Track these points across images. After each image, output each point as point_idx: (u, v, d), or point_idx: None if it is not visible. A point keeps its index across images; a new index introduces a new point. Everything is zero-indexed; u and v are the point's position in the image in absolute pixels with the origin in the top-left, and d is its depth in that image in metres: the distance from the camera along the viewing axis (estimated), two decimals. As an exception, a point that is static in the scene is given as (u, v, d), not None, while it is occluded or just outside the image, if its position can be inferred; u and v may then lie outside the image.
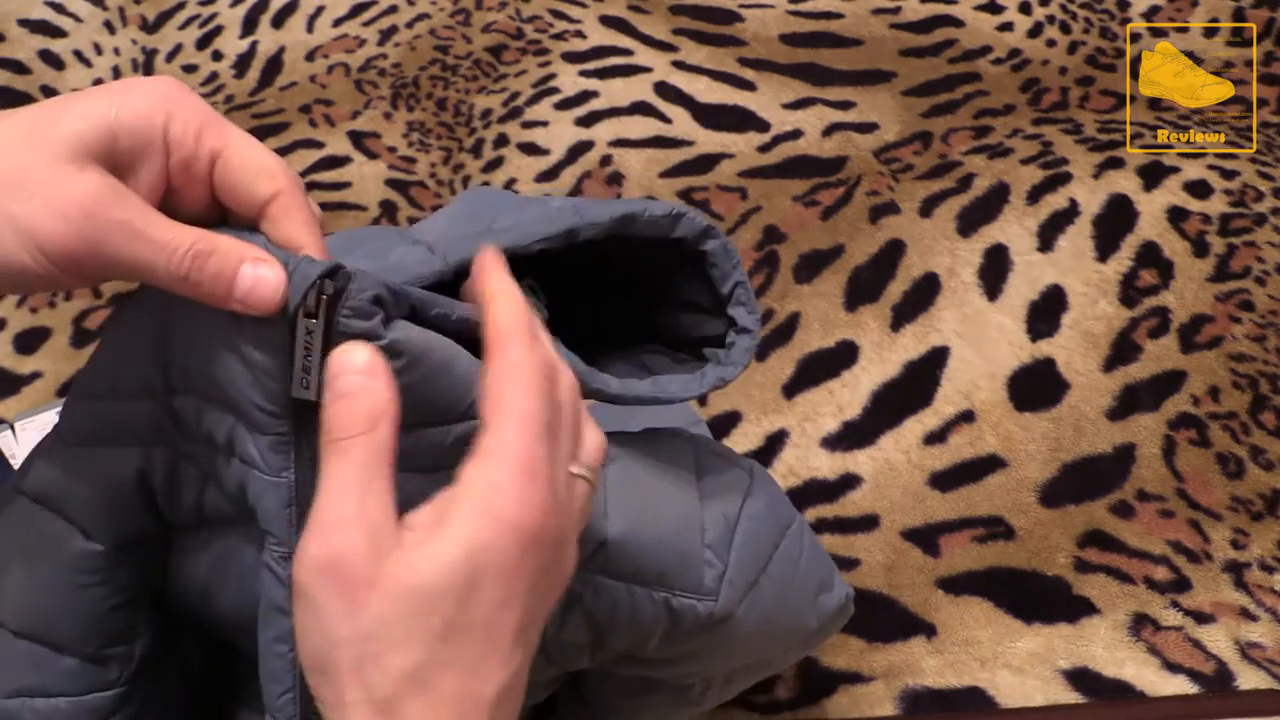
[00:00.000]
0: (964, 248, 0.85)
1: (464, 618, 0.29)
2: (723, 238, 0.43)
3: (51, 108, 0.32)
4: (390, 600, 0.29)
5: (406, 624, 0.28)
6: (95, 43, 1.12)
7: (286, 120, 1.02)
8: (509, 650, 0.30)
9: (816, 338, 0.81)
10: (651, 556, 0.41)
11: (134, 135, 0.32)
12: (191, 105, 0.33)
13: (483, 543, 0.29)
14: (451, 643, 0.29)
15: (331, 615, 0.29)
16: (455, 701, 0.29)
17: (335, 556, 0.29)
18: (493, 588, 0.29)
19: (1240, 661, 0.63)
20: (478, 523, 0.29)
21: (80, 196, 0.31)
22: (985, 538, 0.69)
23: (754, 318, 0.44)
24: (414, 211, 0.93)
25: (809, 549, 0.49)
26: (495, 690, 0.29)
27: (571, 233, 0.41)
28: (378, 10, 1.11)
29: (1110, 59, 0.99)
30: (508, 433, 0.30)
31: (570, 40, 1.06)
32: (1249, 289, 0.81)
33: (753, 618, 0.45)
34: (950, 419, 0.75)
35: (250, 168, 0.34)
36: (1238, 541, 0.68)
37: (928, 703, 0.63)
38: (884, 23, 1.05)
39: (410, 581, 0.29)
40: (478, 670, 0.29)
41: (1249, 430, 0.73)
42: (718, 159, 0.94)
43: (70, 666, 0.40)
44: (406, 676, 0.28)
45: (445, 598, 0.28)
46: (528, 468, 0.30)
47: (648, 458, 0.43)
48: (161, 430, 0.38)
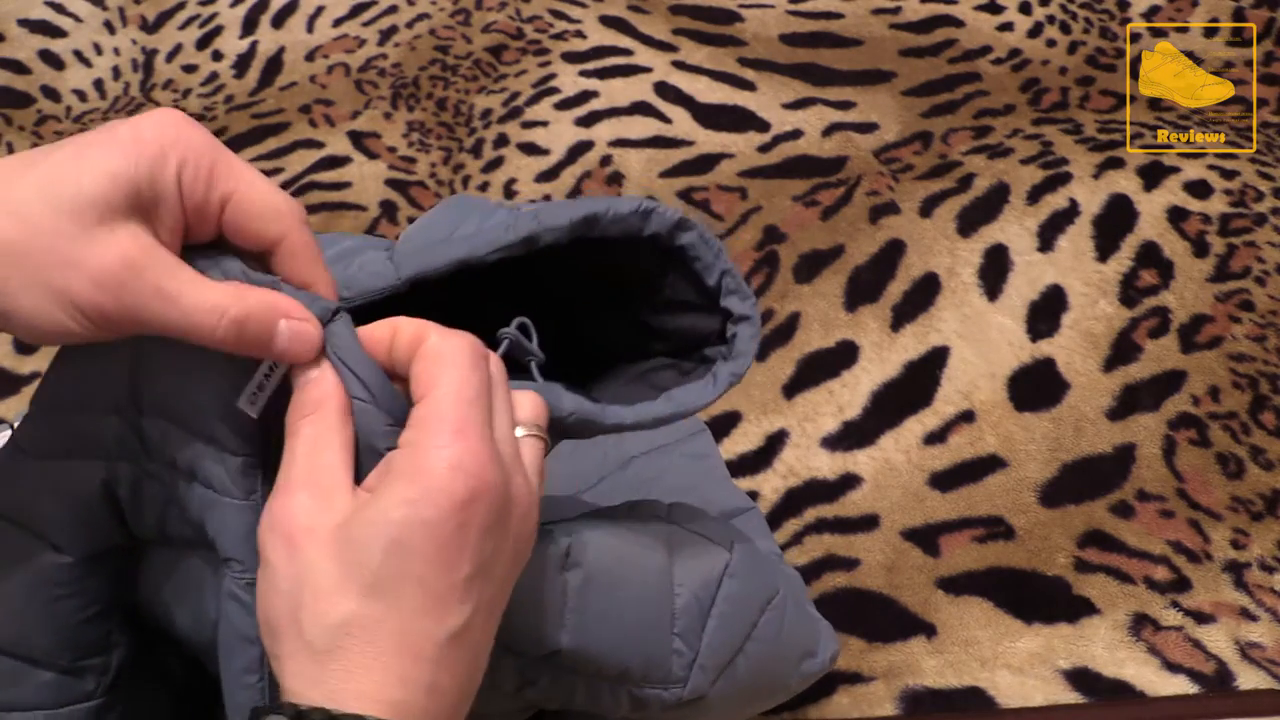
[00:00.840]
0: (964, 248, 0.85)
1: (396, 569, 0.30)
2: (698, 228, 0.41)
3: (65, 164, 0.32)
4: (322, 547, 0.30)
5: (340, 574, 0.30)
6: (95, 43, 1.12)
7: (286, 120, 1.02)
8: (455, 601, 0.31)
9: (816, 338, 0.81)
10: (612, 660, 0.41)
11: (153, 188, 0.32)
12: (199, 146, 0.33)
13: (414, 498, 0.30)
14: (385, 594, 0.30)
15: (277, 567, 0.31)
16: (395, 651, 0.30)
17: (284, 512, 0.31)
18: (427, 542, 0.30)
19: (1240, 661, 0.63)
20: (409, 480, 0.30)
21: (114, 264, 0.31)
22: (985, 538, 0.69)
23: (749, 303, 0.42)
24: (414, 211, 0.93)
25: (792, 619, 0.47)
26: (440, 639, 0.30)
27: (530, 239, 0.39)
28: (378, 10, 1.11)
29: (1110, 59, 0.99)
30: (438, 400, 0.32)
31: (570, 40, 1.06)
32: (1249, 289, 0.81)
33: (727, 693, 0.44)
34: (950, 419, 0.75)
35: (258, 211, 0.34)
36: (1238, 541, 0.68)
37: (928, 703, 0.63)
38: (884, 23, 1.05)
39: (346, 533, 0.30)
40: (419, 621, 0.30)
41: (1249, 430, 0.73)
42: (718, 159, 0.94)
43: (46, 680, 0.39)
44: (340, 625, 0.30)
45: (374, 548, 0.30)
46: (459, 427, 0.31)
47: (615, 551, 0.42)
48: (126, 446, 0.37)
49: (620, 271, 0.44)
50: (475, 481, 0.31)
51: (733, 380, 0.42)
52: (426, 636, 0.30)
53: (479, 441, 0.31)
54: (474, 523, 0.31)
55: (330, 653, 0.30)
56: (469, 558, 0.31)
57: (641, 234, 0.40)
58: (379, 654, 0.30)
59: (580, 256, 0.41)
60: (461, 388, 0.32)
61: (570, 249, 0.40)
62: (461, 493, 0.30)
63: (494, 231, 0.39)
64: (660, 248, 0.42)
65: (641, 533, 0.44)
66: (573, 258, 0.41)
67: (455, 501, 0.30)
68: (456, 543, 0.30)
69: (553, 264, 0.41)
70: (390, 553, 0.30)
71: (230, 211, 0.34)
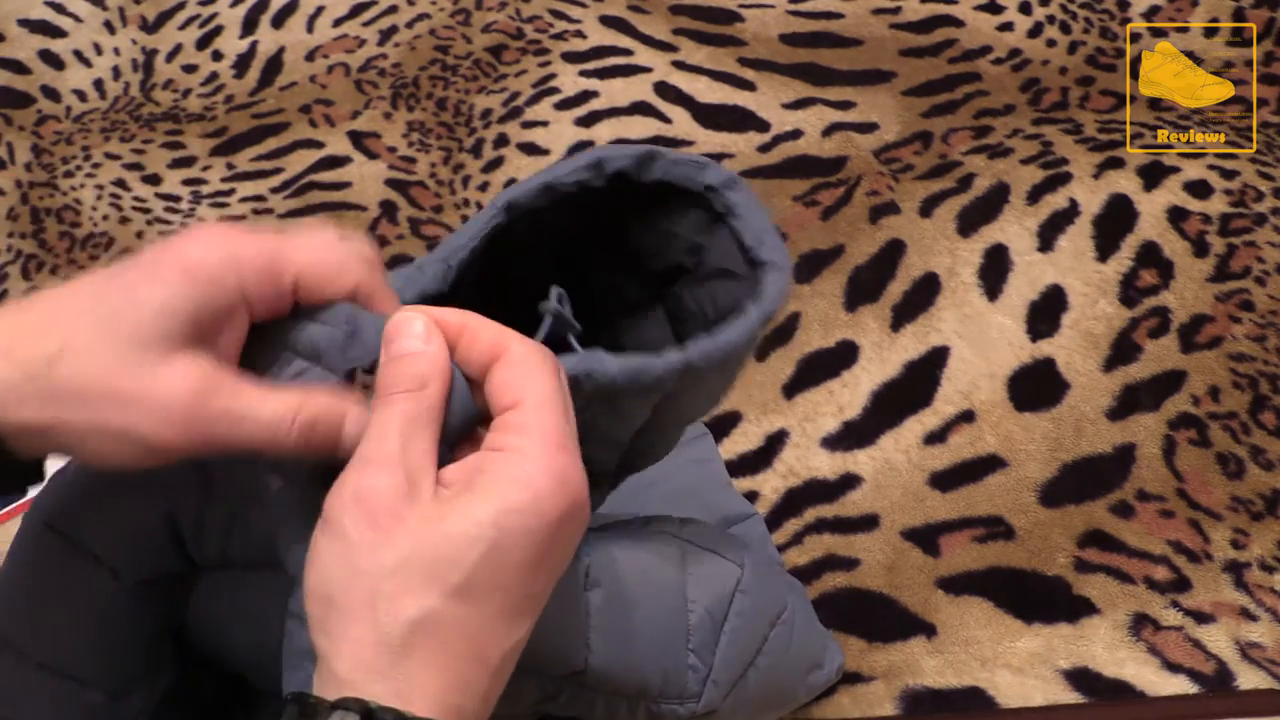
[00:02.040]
0: (964, 248, 0.85)
1: (489, 574, 0.29)
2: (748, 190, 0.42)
3: (119, 296, 0.32)
4: (417, 542, 0.29)
5: (428, 570, 0.29)
6: (95, 43, 1.12)
7: (286, 120, 1.02)
8: (526, 613, 0.31)
9: (816, 338, 0.81)
10: (632, 677, 0.41)
11: (216, 311, 0.32)
12: (250, 254, 0.33)
13: (514, 507, 0.30)
14: (473, 597, 0.29)
15: (357, 545, 0.30)
16: (467, 656, 0.29)
17: (372, 489, 0.30)
18: (523, 551, 0.30)
19: (1240, 661, 0.63)
20: (509, 488, 0.30)
21: (178, 397, 0.31)
22: (985, 538, 0.69)
23: (781, 252, 0.41)
24: (414, 211, 0.93)
25: (800, 633, 0.48)
26: (506, 649, 0.30)
27: (599, 164, 0.40)
28: (378, 10, 1.11)
29: (1110, 59, 0.99)
30: (540, 410, 0.31)
31: (570, 40, 1.06)
32: (1249, 289, 0.81)
33: (739, 707, 0.45)
34: (950, 419, 0.75)
35: (327, 277, 0.34)
36: (1238, 541, 0.68)
37: (928, 703, 0.63)
38: (884, 23, 1.05)
39: (441, 529, 0.29)
40: (493, 628, 0.30)
41: (1249, 430, 0.73)
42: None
43: (93, 701, 0.39)
44: (417, 623, 0.29)
45: (470, 553, 0.29)
46: (559, 440, 0.31)
47: (632, 570, 0.42)
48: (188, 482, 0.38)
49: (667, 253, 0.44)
50: (577, 497, 0.31)
51: (761, 318, 0.40)
52: (495, 645, 0.30)
53: (576, 457, 0.31)
54: (566, 537, 0.31)
55: (404, 648, 0.29)
56: (549, 570, 0.31)
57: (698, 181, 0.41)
58: (452, 657, 0.29)
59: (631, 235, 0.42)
60: (557, 400, 0.32)
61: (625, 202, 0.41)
62: (564, 507, 0.30)
63: (562, 165, 0.41)
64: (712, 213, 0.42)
65: (655, 550, 0.44)
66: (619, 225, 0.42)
67: (558, 515, 0.30)
68: (546, 556, 0.30)
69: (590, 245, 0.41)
70: (487, 556, 0.29)
71: (302, 291, 0.34)
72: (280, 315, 0.34)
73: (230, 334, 0.33)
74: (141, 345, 0.31)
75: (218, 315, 0.32)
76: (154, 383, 0.31)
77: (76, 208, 0.97)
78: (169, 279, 0.32)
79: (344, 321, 0.34)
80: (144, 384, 0.31)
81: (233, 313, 0.33)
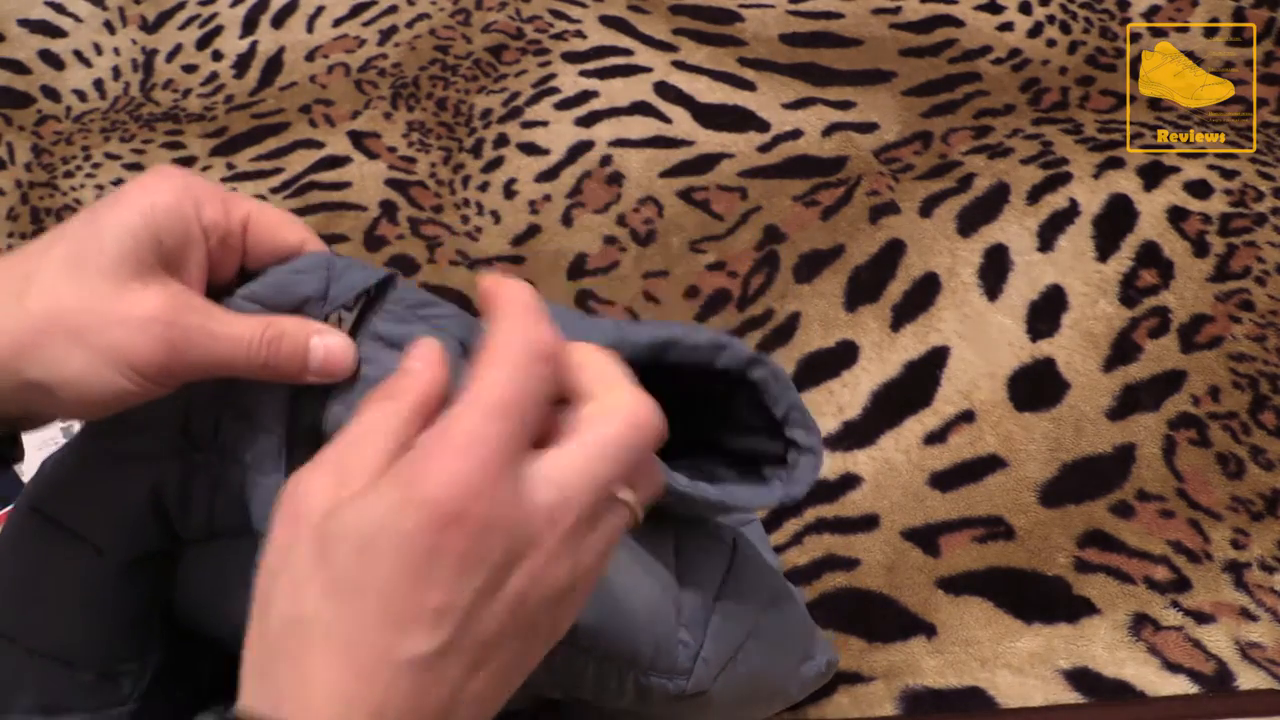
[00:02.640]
0: (964, 248, 0.85)
1: (360, 573, 0.27)
2: (769, 364, 0.43)
3: (83, 229, 0.33)
4: (305, 540, 0.28)
5: (312, 564, 0.28)
6: (95, 43, 1.12)
7: (286, 120, 1.02)
8: (420, 626, 0.28)
9: (816, 338, 0.81)
10: (622, 642, 0.41)
11: (175, 233, 0.33)
12: (206, 186, 0.34)
13: (396, 504, 0.28)
14: (345, 596, 0.28)
15: (272, 544, 0.29)
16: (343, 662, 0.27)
17: (297, 488, 0.29)
18: (393, 556, 0.27)
19: (1240, 661, 0.63)
20: (398, 485, 0.28)
21: (155, 311, 0.32)
22: (985, 538, 0.69)
23: (815, 438, 0.44)
24: (414, 211, 0.93)
25: (790, 621, 0.49)
26: (396, 660, 0.27)
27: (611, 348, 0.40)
28: (378, 10, 1.11)
29: (1110, 59, 0.99)
30: (461, 407, 0.29)
31: (570, 40, 1.06)
32: (1249, 289, 0.81)
33: (728, 691, 0.45)
34: (950, 419, 0.75)
35: (278, 221, 0.36)
36: (1238, 541, 0.68)
37: (928, 703, 0.63)
38: (884, 23, 1.05)
39: (328, 526, 0.28)
40: (373, 634, 0.28)
41: (1249, 430, 0.73)
42: (718, 159, 0.94)
43: (84, 682, 0.40)
44: (297, 620, 0.28)
45: (347, 545, 0.28)
46: (469, 442, 0.28)
47: (625, 539, 0.42)
48: (174, 446, 0.38)
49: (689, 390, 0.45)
50: (460, 507, 0.27)
51: (784, 499, 0.43)
52: (380, 655, 0.27)
53: (486, 464, 0.28)
54: (449, 550, 0.27)
55: (283, 649, 0.28)
56: (441, 587, 0.28)
57: (714, 365, 0.42)
58: (328, 662, 0.27)
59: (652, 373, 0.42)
60: (495, 393, 0.29)
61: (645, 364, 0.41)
62: (444, 514, 0.27)
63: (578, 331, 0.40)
64: (731, 379, 0.43)
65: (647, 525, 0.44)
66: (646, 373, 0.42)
67: (434, 520, 0.27)
68: (426, 565, 0.27)
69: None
70: (360, 553, 0.28)
71: (253, 229, 0.35)
72: (233, 255, 0.35)
73: (194, 266, 0.34)
74: (110, 270, 0.32)
75: (179, 242, 0.33)
76: (130, 302, 0.32)
77: (76, 208, 0.97)
78: (129, 207, 0.33)
79: (323, 267, 0.35)
80: (120, 304, 0.32)
81: (192, 241, 0.34)
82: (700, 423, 0.46)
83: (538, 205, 0.92)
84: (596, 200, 0.92)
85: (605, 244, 0.89)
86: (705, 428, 0.46)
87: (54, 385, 0.32)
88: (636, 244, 0.89)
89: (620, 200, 0.92)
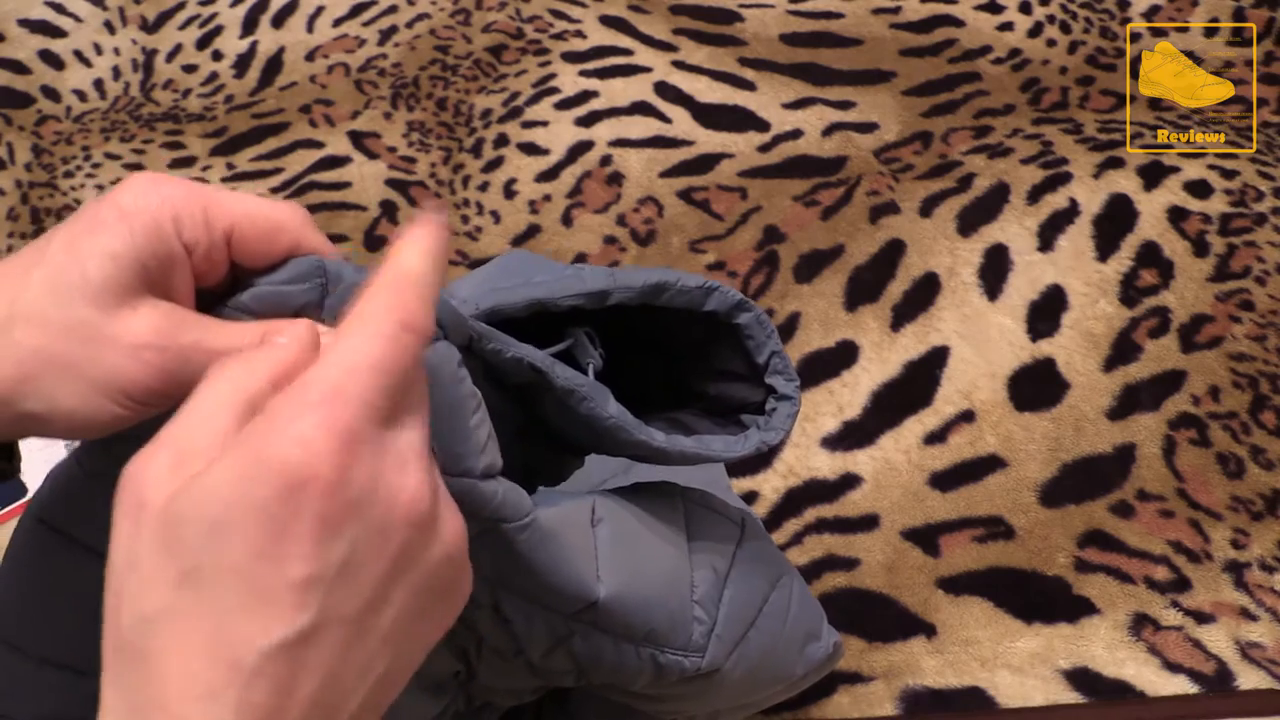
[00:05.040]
0: (964, 248, 0.85)
1: (215, 556, 0.25)
2: (755, 310, 0.45)
3: (63, 255, 0.31)
4: (149, 529, 0.26)
5: (159, 556, 0.25)
6: (95, 43, 1.12)
7: (286, 120, 1.02)
8: (285, 605, 0.25)
9: (816, 338, 0.81)
10: (641, 616, 0.42)
11: (157, 255, 0.32)
12: (183, 197, 0.32)
13: (245, 473, 0.25)
14: (200, 584, 0.25)
15: (115, 539, 0.27)
16: (205, 656, 0.25)
17: (135, 473, 0.27)
18: (252, 525, 0.25)
19: (1240, 661, 0.63)
20: (245, 451, 0.25)
21: (147, 337, 0.31)
22: (985, 538, 0.69)
23: (793, 385, 0.45)
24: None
25: (798, 601, 0.49)
26: (263, 647, 0.25)
27: (604, 294, 0.42)
28: (378, 10, 1.12)
29: (1110, 59, 0.99)
30: (317, 367, 0.27)
31: (570, 40, 1.06)
32: (1249, 289, 0.81)
33: (740, 670, 0.45)
34: (950, 419, 0.75)
35: (262, 233, 0.33)
36: (1238, 541, 0.68)
37: (928, 703, 0.63)
38: (884, 23, 1.05)
39: (171, 507, 0.25)
40: (237, 621, 0.25)
41: (1249, 430, 0.73)
42: (718, 159, 0.94)
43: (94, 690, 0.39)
44: (150, 619, 0.25)
45: (195, 528, 0.25)
46: (319, 400, 0.26)
47: (637, 515, 0.44)
48: None
49: (671, 337, 0.46)
50: (319, 461, 0.25)
51: (760, 447, 0.44)
52: (245, 642, 0.25)
53: (348, 422, 0.26)
54: (308, 510, 0.25)
55: (139, 653, 0.25)
56: (304, 555, 0.25)
57: (701, 309, 0.44)
58: (187, 659, 0.25)
59: (637, 320, 0.44)
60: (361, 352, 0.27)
61: (630, 312, 0.43)
62: (298, 471, 0.25)
63: (569, 280, 0.42)
64: (717, 323, 0.45)
65: (658, 505, 0.45)
66: (629, 320, 0.43)
67: (288, 481, 0.25)
68: (285, 532, 0.25)
69: (606, 323, 0.43)
70: (212, 535, 0.25)
71: (236, 241, 0.33)
72: (219, 266, 0.34)
73: (180, 284, 0.32)
74: (94, 297, 0.30)
75: (162, 261, 0.32)
76: (118, 327, 0.30)
77: (76, 208, 0.97)
78: (108, 228, 0.31)
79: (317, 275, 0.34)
80: (108, 330, 0.30)
81: (175, 259, 0.32)
82: (682, 371, 0.48)
83: (538, 205, 0.92)
84: (596, 200, 0.92)
85: (605, 244, 0.89)
86: (687, 375, 0.48)
87: (48, 416, 0.31)
88: (636, 244, 0.89)
89: (620, 200, 0.92)
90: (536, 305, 0.41)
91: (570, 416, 0.41)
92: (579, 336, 0.42)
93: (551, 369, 0.39)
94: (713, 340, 0.46)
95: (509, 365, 0.38)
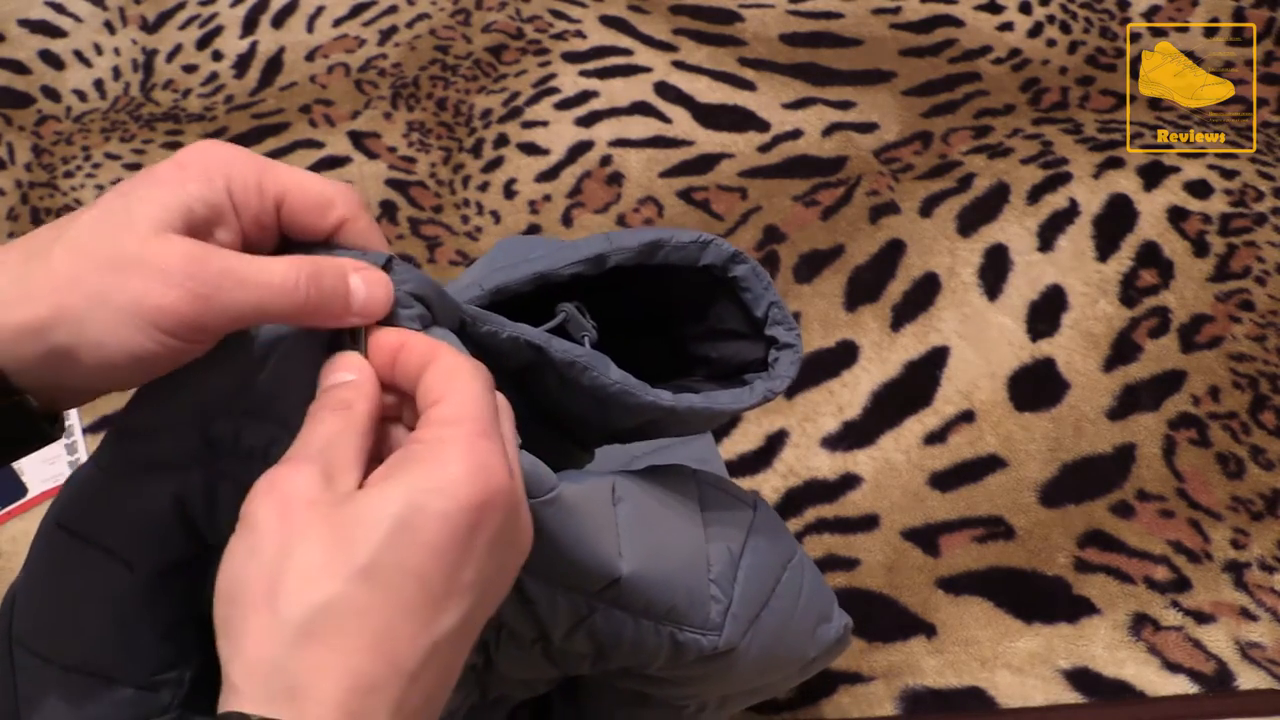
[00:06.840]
0: (964, 248, 0.85)
1: (396, 556, 0.28)
2: (751, 262, 0.45)
3: (115, 201, 0.32)
4: (320, 524, 0.28)
5: (332, 551, 0.28)
6: (95, 43, 1.12)
7: (286, 120, 1.02)
8: (450, 608, 0.29)
9: (817, 338, 0.81)
10: (662, 593, 0.42)
11: (206, 205, 0.33)
12: (241, 161, 0.34)
13: (431, 488, 0.29)
14: (378, 580, 0.28)
15: (265, 536, 0.28)
16: (371, 651, 0.27)
17: (284, 480, 0.29)
18: (436, 534, 0.28)
19: (1240, 661, 0.63)
20: (429, 471, 0.29)
21: (177, 259, 0.31)
22: (985, 538, 0.69)
23: (794, 333, 0.46)
24: (414, 211, 0.93)
25: (809, 582, 0.49)
26: (423, 647, 0.28)
27: (601, 258, 0.42)
28: (378, 10, 1.12)
29: (1110, 59, 0.99)
30: (462, 403, 0.31)
31: (570, 40, 1.06)
32: (1249, 289, 0.81)
33: (754, 650, 0.45)
34: (950, 419, 0.75)
35: (312, 205, 0.35)
36: (1238, 541, 0.68)
37: (928, 703, 0.63)
38: (884, 23, 1.05)
39: (349, 512, 0.28)
40: (406, 620, 0.28)
41: (1249, 430, 0.73)
42: (718, 159, 0.94)
43: (123, 696, 0.39)
44: (318, 608, 0.27)
45: (378, 529, 0.28)
46: (483, 429, 0.30)
47: (654, 495, 0.44)
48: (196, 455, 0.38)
49: (670, 301, 0.47)
50: (498, 486, 0.29)
51: (767, 395, 0.44)
52: (410, 641, 0.28)
53: (500, 447, 0.30)
54: (486, 526, 0.29)
55: (302, 638, 0.27)
56: (473, 563, 0.29)
57: (698, 263, 0.44)
58: (355, 651, 0.27)
59: (637, 284, 0.44)
60: (482, 398, 0.31)
61: (630, 276, 0.43)
62: (481, 493, 0.29)
63: (566, 252, 0.42)
64: (713, 277, 0.45)
65: (673, 485, 0.46)
66: (629, 285, 0.44)
67: (475, 500, 0.29)
68: (465, 544, 0.29)
69: (608, 290, 0.43)
70: (394, 536, 0.28)
71: (287, 211, 0.34)
72: (268, 233, 0.34)
73: (225, 241, 0.33)
74: (139, 229, 0.31)
75: (210, 211, 0.33)
76: (152, 252, 0.31)
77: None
78: (162, 180, 0.32)
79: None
80: (141, 256, 0.31)
81: (223, 212, 0.33)
82: (684, 337, 0.48)
83: (538, 205, 0.92)
84: (596, 200, 0.92)
85: (605, 244, 0.89)
86: (688, 341, 0.48)
87: (78, 349, 0.31)
88: (636, 244, 0.89)
89: (620, 200, 0.92)
90: (539, 278, 0.41)
91: (574, 391, 0.41)
92: (570, 311, 0.42)
93: (549, 343, 0.39)
94: (711, 301, 0.46)
95: (506, 346, 0.38)
